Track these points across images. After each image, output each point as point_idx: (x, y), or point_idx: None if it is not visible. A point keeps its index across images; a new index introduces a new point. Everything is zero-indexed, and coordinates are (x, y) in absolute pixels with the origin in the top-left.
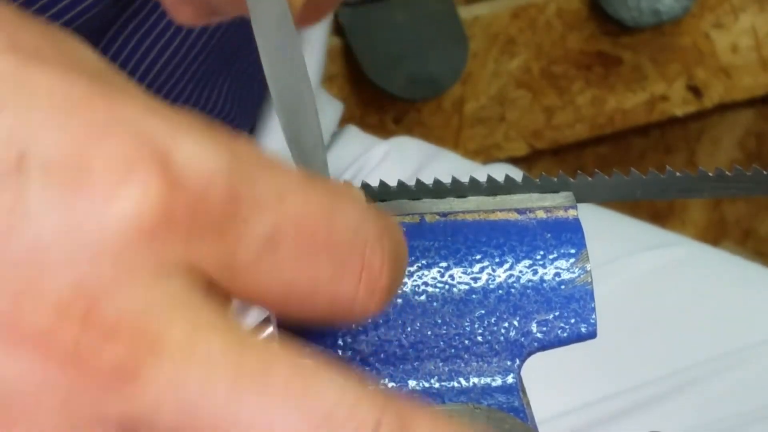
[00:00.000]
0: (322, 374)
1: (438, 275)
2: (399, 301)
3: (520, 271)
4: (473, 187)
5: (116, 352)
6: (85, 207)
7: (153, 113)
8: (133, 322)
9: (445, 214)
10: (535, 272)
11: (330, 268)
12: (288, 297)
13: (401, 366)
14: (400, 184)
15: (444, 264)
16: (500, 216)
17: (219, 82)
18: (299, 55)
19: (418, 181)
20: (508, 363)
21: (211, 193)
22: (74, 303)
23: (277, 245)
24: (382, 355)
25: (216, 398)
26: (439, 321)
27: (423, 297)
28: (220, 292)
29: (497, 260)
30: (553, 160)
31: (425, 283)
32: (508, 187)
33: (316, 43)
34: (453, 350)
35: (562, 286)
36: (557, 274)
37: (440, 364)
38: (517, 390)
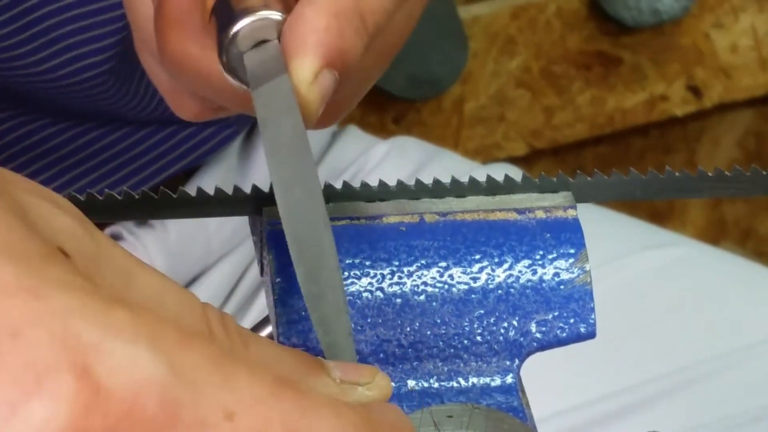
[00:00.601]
0: None
1: (437, 275)
2: (398, 301)
3: (520, 271)
4: (473, 187)
5: None
6: None
7: (88, 311)
8: None
9: (444, 214)
10: (535, 272)
11: None
12: None
13: (401, 366)
14: (400, 183)
15: (443, 264)
16: (500, 216)
17: None
18: (317, 186)
19: (418, 181)
20: (508, 363)
21: (138, 406)
22: None
23: None
24: (381, 355)
25: None
26: (439, 321)
27: (422, 297)
28: None
29: (496, 260)
30: (553, 160)
31: (425, 283)
32: (508, 187)
33: None
34: (452, 350)
35: (562, 286)
36: (556, 274)
37: (440, 363)
38: (516, 390)
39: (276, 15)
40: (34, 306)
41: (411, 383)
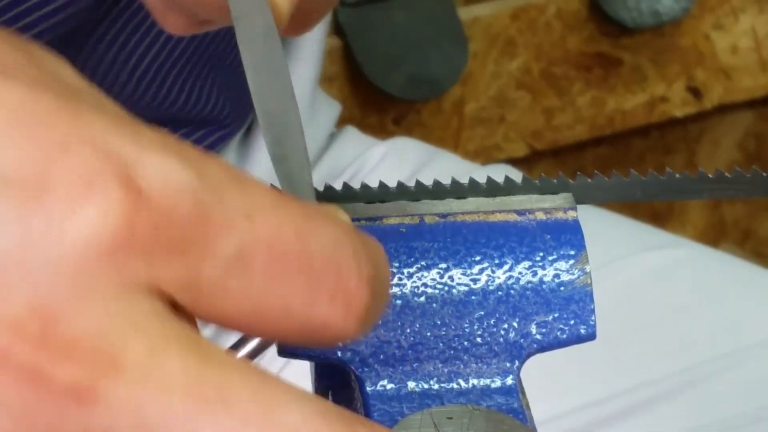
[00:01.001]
0: (285, 397)
1: (437, 276)
2: (398, 302)
3: (520, 273)
4: (473, 188)
5: (72, 371)
6: (42, 224)
7: (119, 129)
8: (90, 342)
9: (444, 216)
10: (535, 273)
11: (302, 289)
12: (258, 319)
13: (400, 367)
14: (400, 185)
15: (443, 265)
16: (500, 217)
17: (209, 80)
18: (285, 71)
19: (418, 182)
20: (508, 364)
21: (175, 211)
22: (30, 321)
23: (246, 265)
24: (381, 357)
25: (174, 420)
26: (439, 322)
27: (422, 298)
28: (188, 312)
29: (497, 261)
30: (553, 161)
31: (425, 285)
32: (508, 188)
33: (314, 43)
34: (452, 351)
35: (562, 288)
36: (557, 276)
37: (439, 365)
38: (516, 391)
39: None
40: (78, 124)
41: (411, 384)
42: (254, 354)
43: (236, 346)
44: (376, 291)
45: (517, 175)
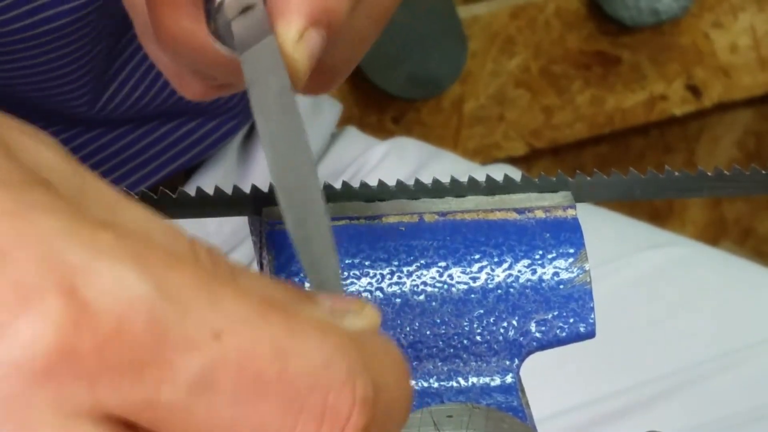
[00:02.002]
0: None
1: (437, 275)
2: (398, 300)
3: (519, 271)
4: (472, 187)
5: None
6: None
7: (70, 230)
8: None
9: (444, 214)
10: (534, 272)
11: (280, 413)
12: None
13: None
14: (399, 183)
15: (443, 263)
16: (499, 216)
17: None
18: (304, 141)
19: (417, 181)
20: (507, 362)
21: (127, 328)
22: None
23: (213, 387)
24: None
25: None
26: (438, 321)
27: (422, 297)
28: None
29: (496, 260)
30: (552, 160)
31: (424, 283)
32: (507, 186)
33: None
34: (452, 350)
35: (561, 286)
36: (556, 274)
37: (439, 363)
38: (515, 389)
39: None
40: (19, 227)
41: (411, 383)
42: None
43: None
44: (379, 412)
45: (516, 175)
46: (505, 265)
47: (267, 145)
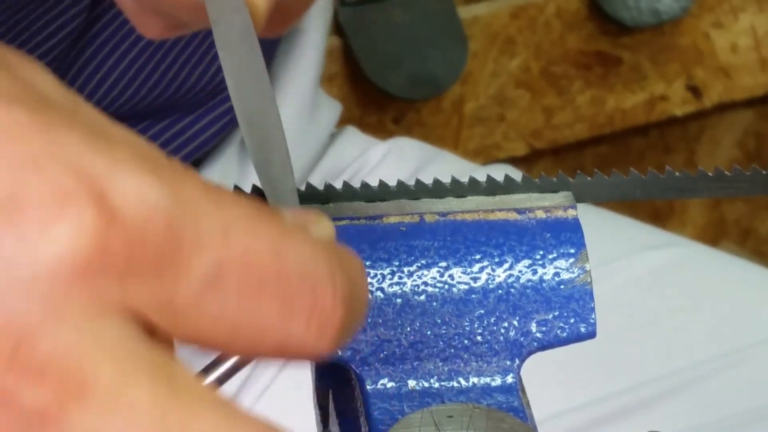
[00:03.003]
0: (250, 429)
1: (437, 275)
2: (398, 300)
3: (520, 271)
4: (473, 187)
5: (40, 394)
6: (14, 243)
7: (93, 144)
8: (60, 365)
9: (444, 214)
10: (535, 272)
11: (278, 309)
12: (233, 338)
13: (401, 366)
14: (400, 183)
15: (443, 264)
16: (500, 216)
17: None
18: (264, 74)
19: (418, 181)
20: (508, 363)
21: (150, 230)
22: (0, 342)
23: (221, 284)
24: (381, 355)
25: None
26: (439, 321)
27: (422, 297)
28: (162, 334)
29: (497, 260)
30: (553, 160)
31: (425, 283)
32: (508, 186)
33: (314, 43)
34: (453, 350)
35: (562, 286)
36: (557, 274)
37: (440, 363)
38: (516, 390)
39: None
40: (51, 140)
41: (411, 383)
42: (231, 372)
43: (212, 366)
44: (351, 309)
45: (517, 175)
46: (506, 266)
47: (230, 78)
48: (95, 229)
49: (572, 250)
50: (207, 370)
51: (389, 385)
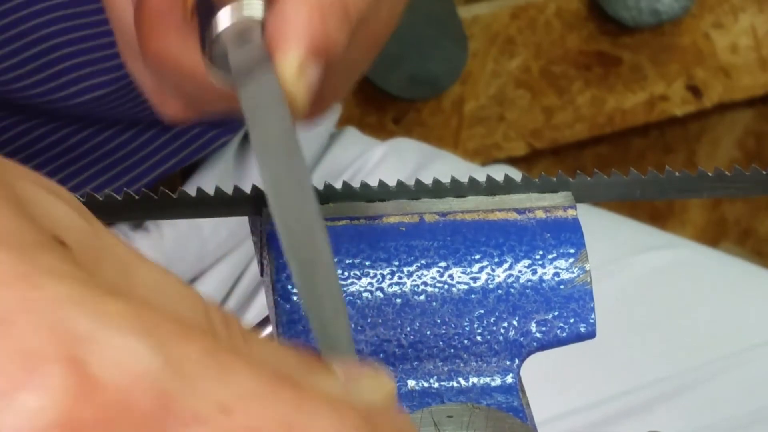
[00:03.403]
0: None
1: (437, 275)
2: (398, 300)
3: (520, 271)
4: (472, 187)
5: None
6: None
7: (77, 296)
8: None
9: (444, 214)
10: (535, 272)
11: None
12: None
13: (401, 366)
14: (400, 184)
15: (443, 264)
16: (499, 216)
17: None
18: (309, 189)
19: (418, 181)
20: (508, 363)
21: (132, 402)
22: None
23: None
24: (381, 355)
25: None
26: (439, 321)
27: (422, 297)
28: None
29: (496, 260)
30: (553, 160)
31: (425, 283)
32: (508, 186)
33: None
34: (452, 350)
35: (562, 286)
36: (556, 274)
37: (440, 363)
38: (516, 390)
39: (258, 8)
40: (27, 294)
41: (411, 383)
42: None
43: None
44: None
45: (516, 175)
46: (506, 266)
47: (271, 191)
48: (65, 397)
49: (572, 250)
50: None
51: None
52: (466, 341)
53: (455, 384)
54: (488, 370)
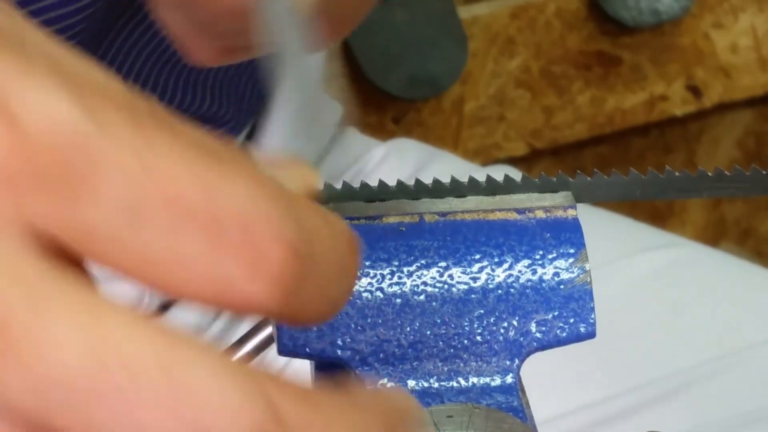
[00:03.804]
0: (192, 357)
1: (437, 275)
2: (398, 300)
3: (519, 271)
4: (472, 187)
5: None
6: None
7: (4, 56)
8: None
9: (444, 214)
10: (535, 272)
11: (203, 245)
12: (154, 273)
13: (400, 366)
14: (399, 183)
15: (443, 264)
16: (499, 216)
17: (209, 81)
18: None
19: (418, 181)
20: (507, 363)
21: (55, 146)
22: None
23: (137, 216)
24: (381, 355)
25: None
26: (439, 321)
27: (422, 297)
28: (77, 256)
29: (496, 260)
30: (553, 160)
31: (424, 283)
32: (508, 186)
33: None
34: (452, 350)
35: (561, 286)
36: (556, 274)
37: (439, 363)
38: (516, 390)
39: None
40: None
41: (411, 383)
42: (261, 348)
43: (248, 336)
44: (308, 261)
45: (516, 175)
46: (506, 265)
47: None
48: (1, 149)
49: (572, 250)
50: (243, 340)
51: (389, 385)
52: (465, 341)
53: (455, 384)
54: (488, 370)
